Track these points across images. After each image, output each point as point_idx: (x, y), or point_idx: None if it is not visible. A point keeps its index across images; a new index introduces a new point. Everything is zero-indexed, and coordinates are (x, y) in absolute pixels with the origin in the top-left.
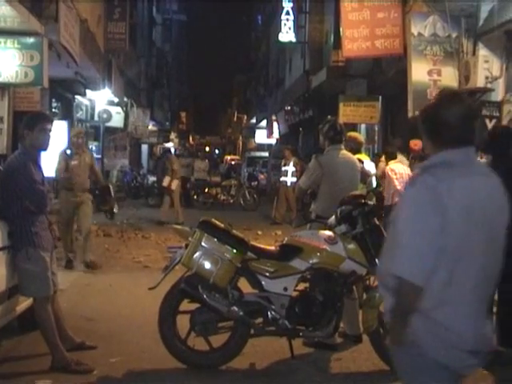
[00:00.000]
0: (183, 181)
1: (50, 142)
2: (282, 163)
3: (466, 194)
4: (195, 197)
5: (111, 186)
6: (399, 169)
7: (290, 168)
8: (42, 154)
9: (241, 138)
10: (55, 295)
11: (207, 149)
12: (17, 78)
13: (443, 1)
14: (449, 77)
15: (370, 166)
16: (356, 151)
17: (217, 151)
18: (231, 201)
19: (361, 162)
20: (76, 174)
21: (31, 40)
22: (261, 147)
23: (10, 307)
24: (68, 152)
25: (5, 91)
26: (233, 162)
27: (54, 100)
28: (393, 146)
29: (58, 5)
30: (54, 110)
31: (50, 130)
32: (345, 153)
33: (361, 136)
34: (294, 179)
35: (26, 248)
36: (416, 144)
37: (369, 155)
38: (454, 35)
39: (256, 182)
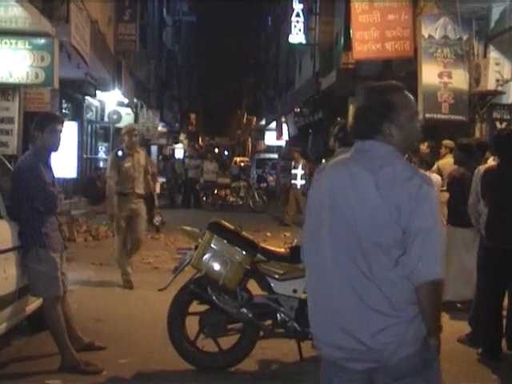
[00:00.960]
0: (192, 182)
1: (61, 143)
2: (292, 165)
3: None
4: (204, 198)
5: (156, 195)
6: None
7: (299, 171)
8: (53, 154)
9: (250, 139)
10: (65, 295)
11: (216, 150)
12: (27, 79)
13: (454, 3)
14: (459, 79)
15: None
16: None
17: (226, 153)
18: (240, 202)
19: None
20: (130, 178)
21: (42, 41)
22: (270, 149)
23: (20, 307)
24: (120, 153)
25: (15, 92)
26: (242, 164)
27: (64, 101)
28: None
29: (68, 6)
30: (64, 110)
31: (61, 131)
32: None
33: None
34: (303, 181)
35: (35, 248)
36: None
37: None
38: (464, 37)
39: (265, 184)
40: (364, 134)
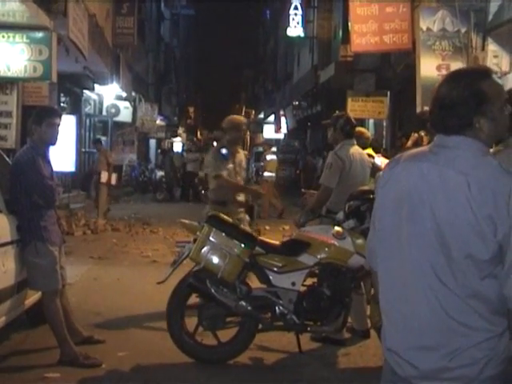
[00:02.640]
0: (191, 176)
1: (59, 137)
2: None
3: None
4: (203, 192)
5: (256, 207)
6: None
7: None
8: (51, 148)
9: (248, 132)
10: (64, 289)
11: (215, 143)
12: (25, 73)
13: None
14: None
15: (380, 161)
16: (364, 147)
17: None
18: None
19: (371, 157)
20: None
21: (40, 34)
22: (269, 142)
23: (19, 301)
24: (224, 152)
25: (13, 86)
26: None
27: (62, 94)
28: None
29: None
30: (62, 104)
31: (59, 125)
32: (357, 148)
33: (367, 131)
34: (270, 174)
35: (34, 242)
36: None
37: (384, 150)
38: (463, 30)
39: None
40: (451, 129)
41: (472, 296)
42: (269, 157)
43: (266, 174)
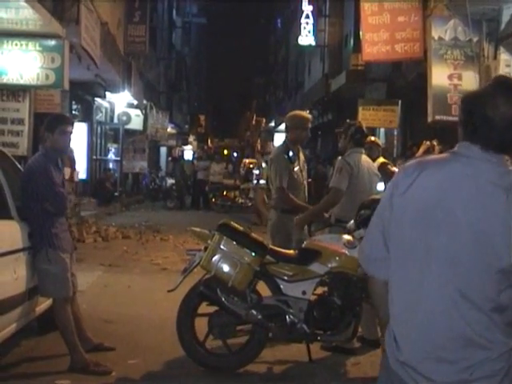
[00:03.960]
0: (201, 184)
1: (70, 144)
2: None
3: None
4: (213, 200)
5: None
6: None
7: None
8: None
9: (259, 141)
10: (74, 296)
11: (225, 152)
12: (38, 81)
13: (464, 5)
14: (469, 81)
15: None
16: (376, 156)
17: (235, 154)
18: (249, 204)
19: (388, 165)
20: (300, 187)
21: (52, 42)
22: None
23: (30, 308)
24: (290, 154)
25: (26, 93)
26: (251, 165)
27: (74, 102)
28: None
29: (79, 8)
30: (74, 112)
31: (71, 132)
32: (366, 157)
33: (379, 140)
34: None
35: (45, 249)
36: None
37: (394, 159)
38: (475, 39)
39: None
40: (503, 147)
41: (494, 309)
42: (264, 165)
43: (262, 181)
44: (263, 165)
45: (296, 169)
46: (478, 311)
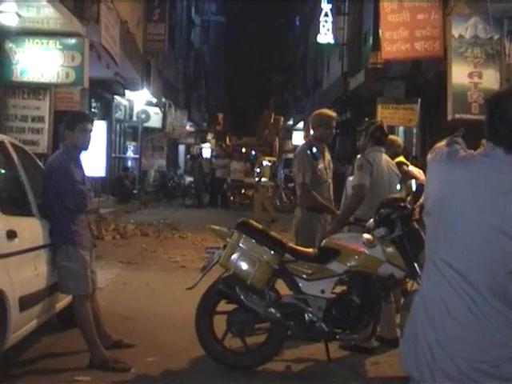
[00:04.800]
0: (220, 182)
1: (91, 142)
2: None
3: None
4: (232, 198)
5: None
6: None
7: (257, 169)
8: (83, 153)
9: (277, 139)
10: (94, 293)
11: (244, 150)
12: (58, 79)
13: (485, 2)
14: (490, 79)
15: (413, 170)
16: (395, 155)
17: (253, 152)
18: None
19: (405, 164)
20: (325, 185)
21: (73, 41)
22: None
23: (50, 304)
24: (314, 150)
25: (46, 91)
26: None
27: (93, 100)
28: None
29: (99, 6)
30: (93, 109)
31: (91, 130)
32: (385, 156)
33: (399, 139)
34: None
35: (65, 246)
36: None
37: (414, 157)
38: (495, 37)
39: (292, 184)
40: None
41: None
42: (265, 163)
43: (263, 179)
44: (264, 163)
45: (320, 166)
46: (491, 307)
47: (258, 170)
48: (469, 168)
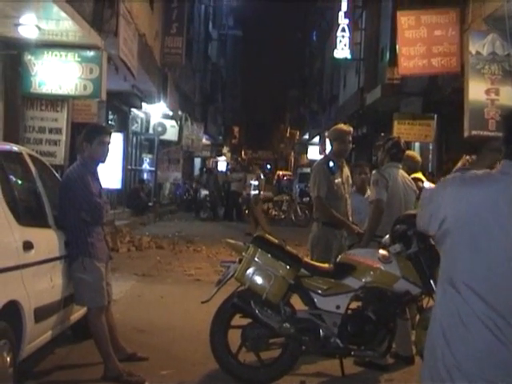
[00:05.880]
0: (235, 195)
1: (108, 154)
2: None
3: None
4: (246, 211)
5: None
6: None
7: (255, 182)
8: (100, 165)
9: (293, 153)
10: (109, 305)
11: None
12: (76, 91)
13: (503, 19)
14: (507, 96)
15: (428, 185)
16: (413, 170)
17: (268, 166)
18: (282, 216)
19: (421, 181)
20: (342, 200)
21: (91, 53)
22: (313, 163)
23: (65, 316)
24: (331, 165)
25: (64, 103)
26: (285, 178)
27: (110, 112)
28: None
29: (117, 19)
30: (110, 122)
31: (109, 143)
32: (403, 172)
33: (418, 155)
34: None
35: (81, 258)
36: None
37: (430, 173)
38: None
39: (308, 198)
40: None
41: None
42: (262, 176)
43: (261, 192)
44: (261, 176)
45: (337, 181)
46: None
47: (256, 182)
48: (486, 187)
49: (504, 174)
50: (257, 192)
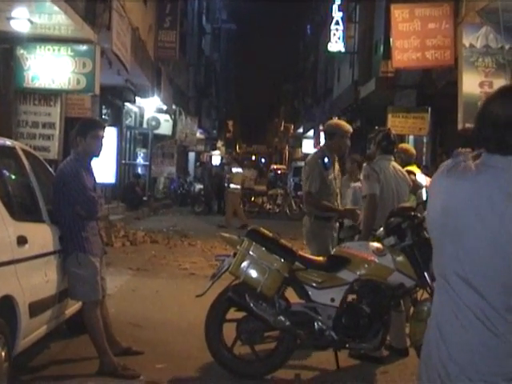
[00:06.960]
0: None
1: (102, 149)
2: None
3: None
4: (241, 205)
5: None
6: None
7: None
8: (94, 160)
9: (287, 147)
10: (104, 300)
11: (253, 157)
12: (69, 85)
13: (497, 12)
14: None
15: (421, 178)
16: (406, 163)
17: (263, 160)
18: (277, 210)
19: (413, 174)
20: (333, 195)
21: (84, 48)
22: (307, 157)
23: (60, 311)
24: (326, 160)
25: (57, 98)
26: (279, 172)
27: (104, 107)
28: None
29: (110, 13)
30: (103, 116)
31: (103, 137)
32: (395, 165)
33: (412, 148)
34: (236, 186)
35: (76, 252)
36: None
37: (424, 166)
38: (506, 47)
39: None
40: (506, 149)
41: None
42: (234, 169)
43: (232, 185)
44: (233, 170)
45: (330, 177)
46: (506, 322)
47: (228, 176)
48: (470, 179)
49: (490, 166)
50: (231, 186)
